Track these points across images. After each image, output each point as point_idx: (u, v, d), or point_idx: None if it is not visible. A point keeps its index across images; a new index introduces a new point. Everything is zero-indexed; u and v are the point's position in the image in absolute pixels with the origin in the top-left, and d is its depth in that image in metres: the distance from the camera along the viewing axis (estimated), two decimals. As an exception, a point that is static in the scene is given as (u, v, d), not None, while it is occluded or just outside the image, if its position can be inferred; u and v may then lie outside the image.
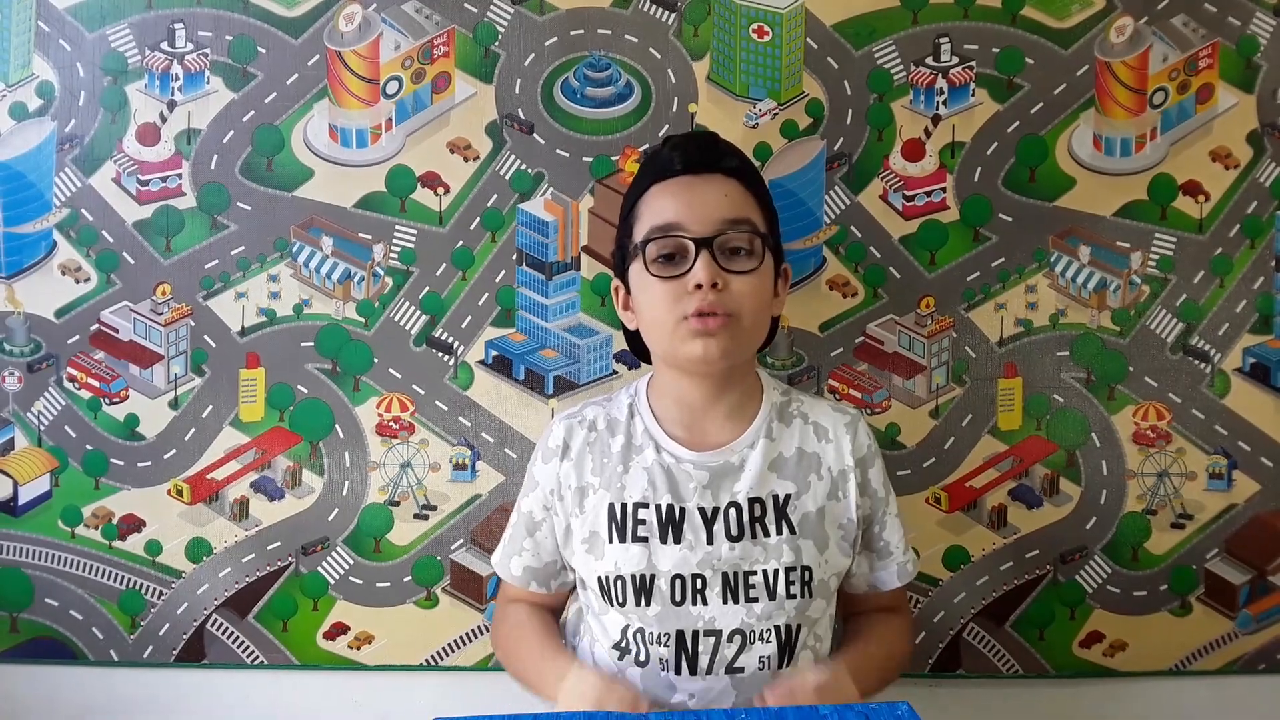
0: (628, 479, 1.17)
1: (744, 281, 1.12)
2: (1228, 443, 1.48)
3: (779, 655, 1.13)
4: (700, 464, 1.16)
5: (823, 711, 0.94)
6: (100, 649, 1.47)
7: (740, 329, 1.13)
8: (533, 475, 1.24)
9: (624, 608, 1.14)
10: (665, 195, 1.15)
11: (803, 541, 1.15)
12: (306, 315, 1.46)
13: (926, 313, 1.47)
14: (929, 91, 1.45)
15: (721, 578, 1.13)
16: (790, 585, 1.13)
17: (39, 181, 1.45)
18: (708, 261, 1.10)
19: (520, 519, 1.24)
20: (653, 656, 1.13)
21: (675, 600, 1.13)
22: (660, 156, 1.19)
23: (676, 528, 1.14)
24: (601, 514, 1.17)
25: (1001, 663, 1.48)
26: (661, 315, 1.13)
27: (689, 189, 1.15)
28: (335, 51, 1.45)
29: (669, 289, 1.12)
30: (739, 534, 1.14)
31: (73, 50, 1.45)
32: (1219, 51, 1.46)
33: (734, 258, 1.13)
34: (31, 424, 1.46)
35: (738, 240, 1.13)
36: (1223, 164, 1.46)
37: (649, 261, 1.13)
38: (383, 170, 1.45)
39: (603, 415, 1.22)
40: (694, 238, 1.11)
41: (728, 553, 1.13)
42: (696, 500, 1.15)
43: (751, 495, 1.15)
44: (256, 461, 1.46)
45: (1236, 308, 1.47)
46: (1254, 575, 1.48)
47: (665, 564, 1.13)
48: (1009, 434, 1.47)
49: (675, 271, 1.12)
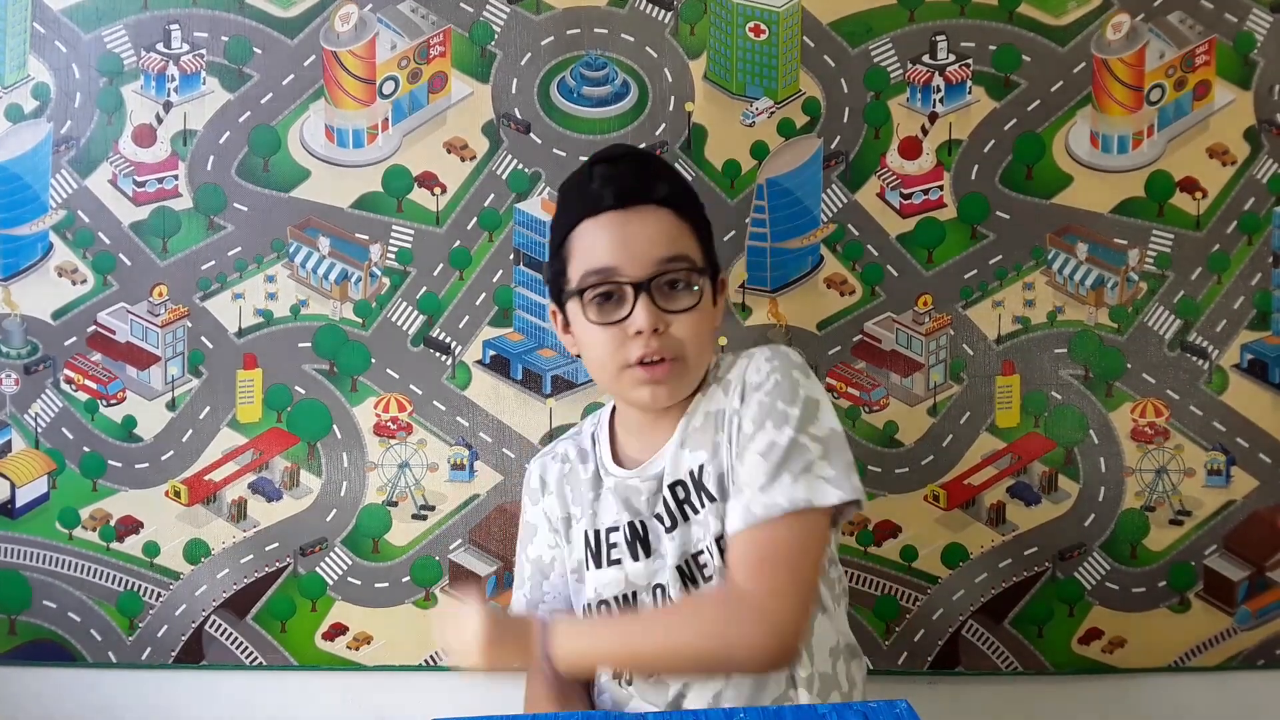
0: (599, 505, 1.18)
1: (685, 320, 1.10)
2: (1226, 439, 1.48)
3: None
4: (642, 476, 1.16)
5: (821, 710, 0.94)
6: (98, 651, 1.47)
7: (685, 368, 1.11)
8: (528, 523, 1.25)
9: None
10: (598, 234, 1.11)
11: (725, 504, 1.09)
12: (304, 316, 1.46)
13: (924, 310, 1.46)
14: (926, 89, 1.45)
15: (677, 573, 1.12)
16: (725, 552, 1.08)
17: (35, 183, 1.45)
18: (647, 306, 1.08)
19: (531, 567, 1.24)
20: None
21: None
22: (589, 189, 1.13)
23: (644, 542, 1.14)
24: (580, 543, 1.18)
25: (1001, 660, 1.48)
26: (605, 360, 1.11)
27: (622, 227, 1.10)
28: (331, 52, 1.45)
29: (610, 335, 1.10)
30: (673, 523, 1.12)
31: (68, 52, 1.45)
32: (1216, 48, 1.46)
33: (672, 294, 1.10)
34: (29, 426, 1.46)
35: (675, 276, 1.10)
36: (1220, 160, 1.46)
37: (586, 306, 1.10)
38: (379, 170, 1.45)
39: (573, 447, 1.23)
40: (630, 282, 1.08)
41: (670, 545, 1.12)
42: (651, 509, 1.15)
43: (672, 480, 1.13)
44: (254, 462, 1.46)
45: (1234, 304, 1.47)
46: (1252, 571, 1.48)
47: (642, 579, 1.14)
48: (1007, 431, 1.47)
49: (614, 316, 1.09)
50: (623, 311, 1.09)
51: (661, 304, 1.09)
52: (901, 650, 1.48)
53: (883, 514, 1.47)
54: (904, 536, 1.47)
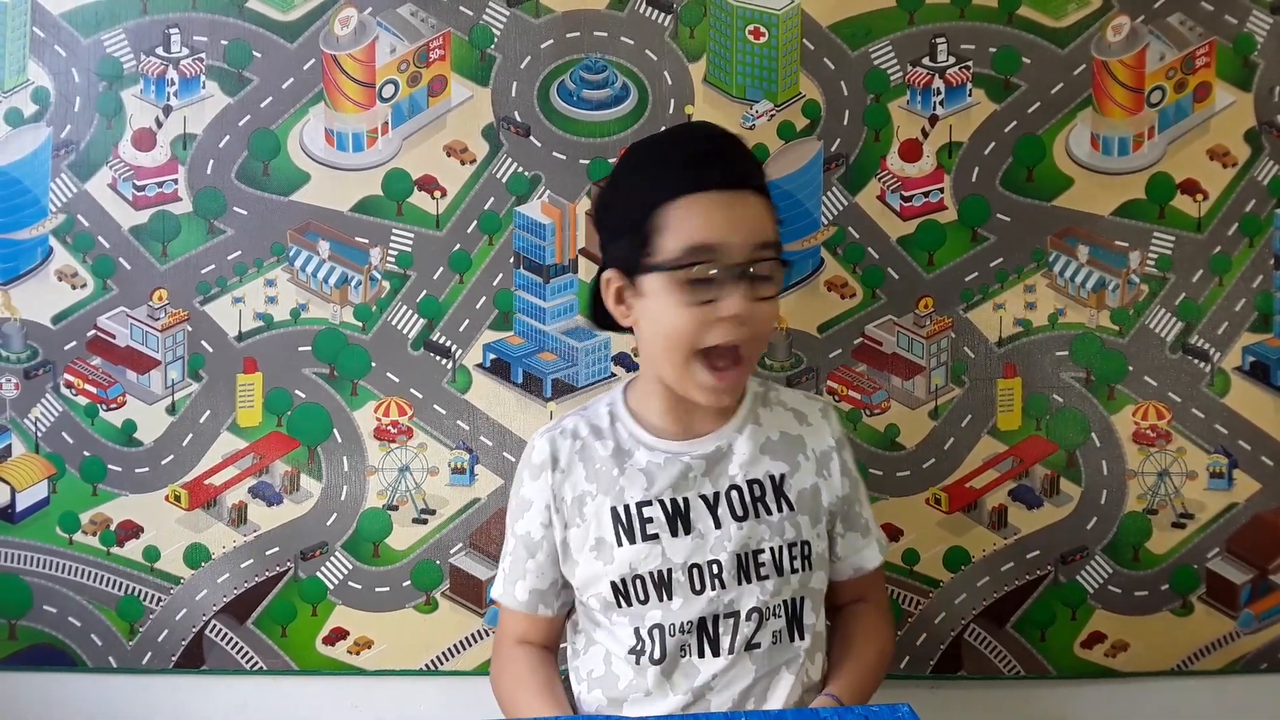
0: (624, 481, 1.17)
1: (765, 309, 1.11)
2: (1228, 442, 1.47)
3: (788, 628, 1.16)
4: (694, 454, 1.17)
5: (823, 714, 0.93)
6: (99, 656, 1.47)
7: (749, 365, 1.14)
8: (523, 496, 1.21)
9: (645, 605, 1.15)
10: (702, 212, 1.08)
11: (800, 517, 1.17)
12: (304, 320, 1.46)
13: (925, 313, 1.46)
14: (926, 92, 1.45)
15: (735, 560, 1.14)
16: (794, 560, 1.16)
17: (35, 187, 1.45)
18: (743, 292, 1.08)
19: (518, 543, 1.21)
20: (673, 646, 1.14)
21: (695, 590, 1.14)
22: (691, 163, 1.11)
23: (685, 519, 1.15)
24: (605, 519, 1.16)
25: (1003, 664, 1.48)
26: (681, 342, 1.10)
27: (727, 209, 1.09)
28: (331, 55, 1.45)
29: (696, 315, 1.08)
30: (744, 514, 1.16)
31: (68, 56, 1.45)
32: (1216, 50, 1.46)
33: (759, 283, 1.10)
34: (29, 430, 1.46)
35: (764, 267, 1.10)
36: (1221, 162, 1.46)
37: (679, 283, 1.08)
38: (379, 174, 1.45)
39: (584, 422, 1.21)
40: (733, 264, 1.08)
41: (736, 533, 1.15)
42: (697, 489, 1.16)
43: (749, 477, 1.17)
44: (254, 467, 1.46)
45: (1236, 306, 1.47)
46: (1255, 574, 1.48)
47: (679, 556, 1.14)
48: (1009, 434, 1.47)
49: (704, 297, 1.08)
50: (713, 293, 1.08)
51: (751, 291, 1.09)
52: (904, 654, 1.47)
53: (884, 517, 1.46)
54: (906, 540, 1.47)
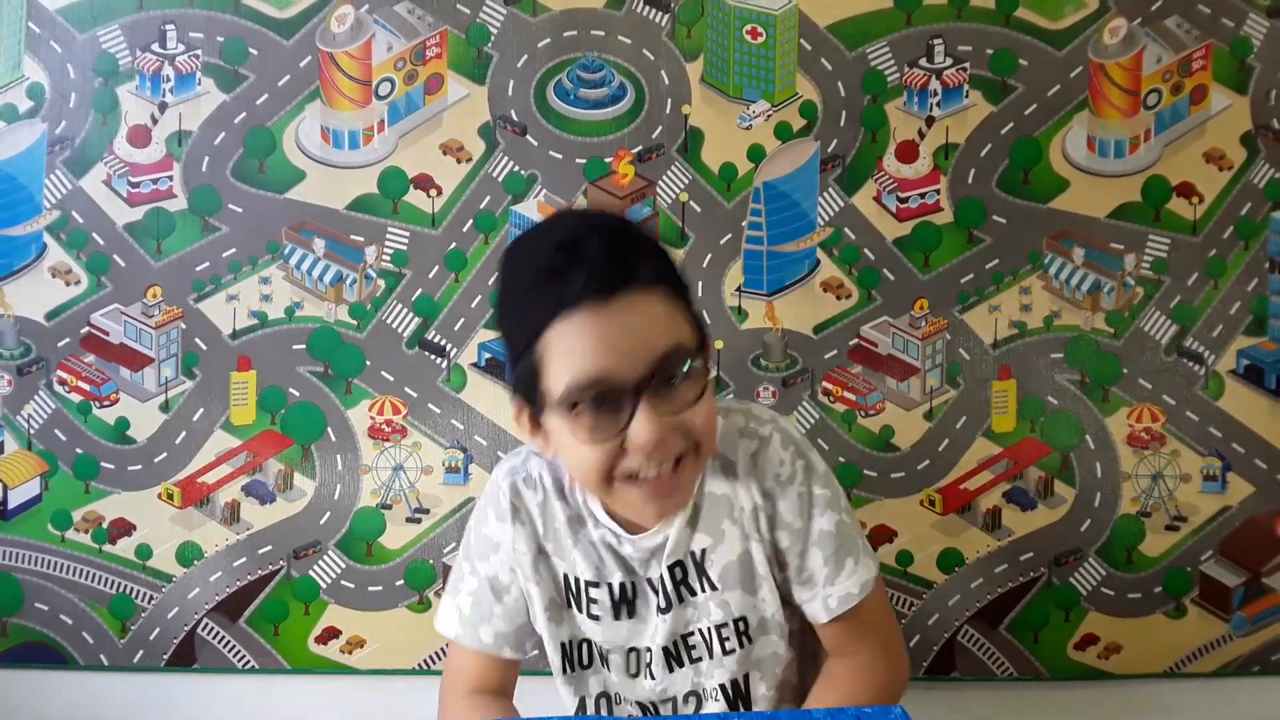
0: (577, 553, 1.07)
1: (695, 412, 0.95)
2: (1222, 445, 1.47)
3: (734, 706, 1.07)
4: (637, 544, 1.05)
5: (816, 715, 0.93)
6: (90, 654, 1.46)
7: (696, 461, 0.98)
8: (487, 537, 1.10)
9: (588, 670, 1.10)
10: (579, 335, 0.92)
11: (728, 594, 1.05)
12: (298, 318, 1.46)
13: (920, 315, 1.46)
14: (923, 93, 1.45)
15: (662, 653, 1.06)
16: (725, 641, 1.05)
17: (29, 183, 1.45)
18: (650, 415, 0.92)
19: (481, 585, 1.10)
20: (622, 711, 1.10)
21: (630, 673, 1.09)
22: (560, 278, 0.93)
23: (630, 604, 1.07)
24: (559, 581, 1.08)
25: (996, 666, 1.48)
26: (597, 478, 0.96)
27: (606, 325, 0.91)
28: (327, 53, 1.45)
29: (604, 453, 0.94)
30: (668, 605, 1.05)
31: (63, 52, 1.45)
32: (1212, 53, 1.46)
33: (673, 390, 0.94)
34: (21, 427, 1.45)
35: (675, 368, 0.94)
36: (1216, 165, 1.46)
37: (575, 421, 0.94)
38: (375, 172, 1.45)
39: (549, 476, 1.09)
40: (628, 387, 0.92)
41: (662, 627, 1.06)
42: (645, 573, 1.06)
43: (670, 561, 1.05)
44: (248, 465, 1.46)
45: (1230, 310, 1.47)
46: (1248, 577, 1.48)
47: (619, 639, 1.07)
48: (1003, 436, 1.47)
49: (609, 428, 0.93)
50: (620, 421, 0.93)
51: (664, 406, 0.93)
52: (897, 655, 1.47)
53: (878, 519, 1.46)
54: (899, 541, 1.47)
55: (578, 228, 0.98)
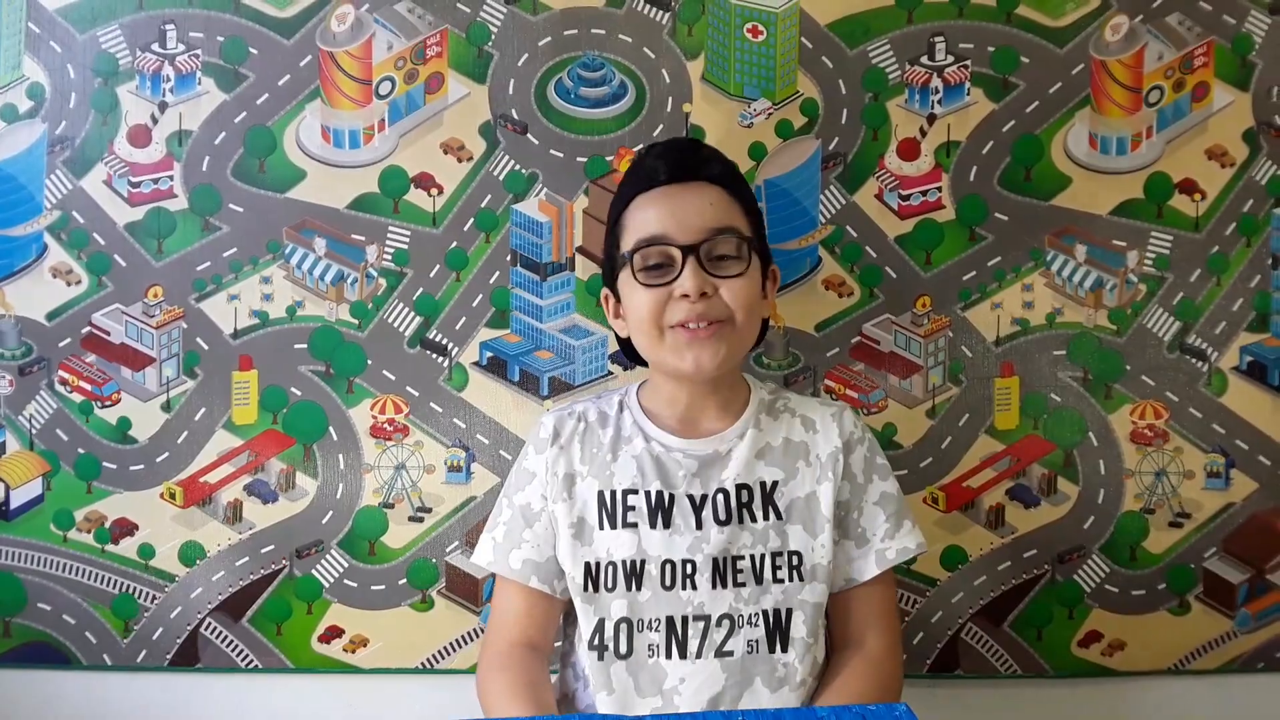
0: (616, 466, 1.18)
1: (732, 286, 1.14)
2: (1225, 441, 1.47)
3: (768, 639, 1.14)
4: (689, 452, 1.18)
5: (820, 713, 0.93)
6: (93, 653, 1.46)
7: (733, 332, 1.15)
8: (525, 469, 1.23)
9: (612, 593, 1.15)
10: (650, 206, 1.16)
11: (790, 527, 1.16)
12: (299, 317, 1.46)
13: (923, 312, 1.46)
14: (924, 90, 1.45)
15: (711, 563, 1.14)
16: (777, 570, 1.15)
17: (30, 184, 1.44)
18: (695, 270, 1.12)
19: (516, 512, 1.21)
20: (640, 644, 1.14)
21: (665, 585, 1.14)
22: (643, 167, 1.21)
23: (666, 513, 1.15)
24: (591, 501, 1.17)
25: (1000, 663, 1.48)
26: (649, 324, 1.14)
27: (673, 198, 1.16)
28: (327, 52, 1.45)
29: (656, 296, 1.13)
30: (727, 519, 1.15)
31: (63, 52, 1.44)
32: (1214, 50, 1.46)
33: (721, 264, 1.14)
34: (23, 427, 1.45)
35: (724, 248, 1.14)
36: (1219, 162, 1.46)
37: (636, 271, 1.14)
38: (376, 171, 1.45)
39: (594, 409, 1.24)
40: (680, 246, 1.13)
41: (716, 537, 1.15)
42: (685, 487, 1.16)
43: (739, 482, 1.17)
44: (250, 464, 1.46)
45: (1233, 306, 1.47)
46: (1252, 574, 1.48)
47: (655, 549, 1.15)
48: (1006, 433, 1.47)
49: (663, 279, 1.13)
50: (671, 276, 1.13)
51: (710, 270, 1.13)
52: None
53: (881, 516, 1.46)
54: (902, 539, 1.47)
55: (671, 142, 1.28)
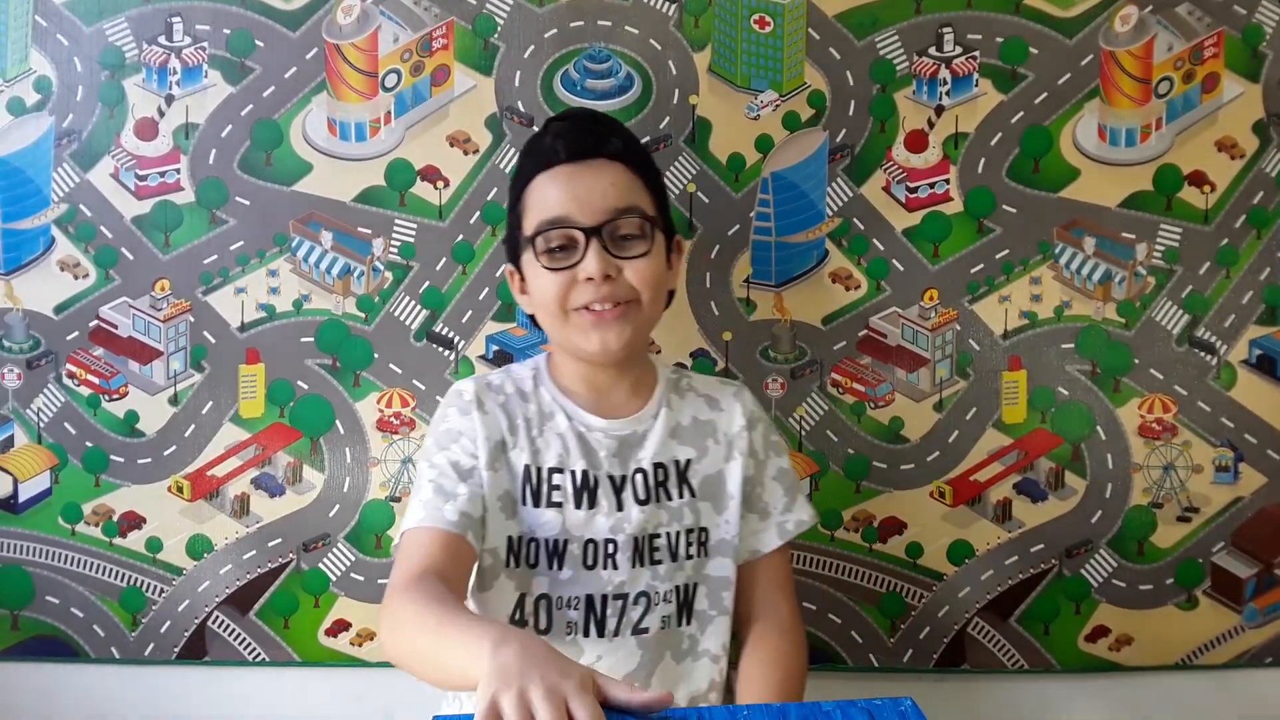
0: (542, 443, 1.18)
1: (637, 266, 1.13)
2: (1234, 435, 1.47)
3: (678, 614, 1.17)
4: (609, 432, 1.19)
5: (825, 708, 0.93)
6: (101, 647, 1.47)
7: (639, 313, 1.15)
8: (449, 430, 1.16)
9: (534, 569, 1.15)
10: (550, 186, 1.15)
11: (701, 504, 1.19)
12: (306, 310, 1.46)
13: (930, 305, 1.46)
14: (932, 82, 1.44)
15: (631, 542, 1.15)
16: (689, 546, 1.18)
17: (37, 177, 1.45)
18: (599, 252, 1.11)
19: (443, 470, 1.12)
20: (559, 621, 1.15)
21: (587, 565, 1.15)
22: (542, 144, 1.18)
23: (591, 494, 1.16)
24: (518, 475, 1.17)
25: (1006, 658, 1.48)
26: (554, 307, 1.14)
27: (574, 179, 1.14)
28: (333, 44, 1.44)
29: (560, 279, 1.13)
30: (646, 498, 1.17)
31: (70, 45, 1.44)
32: (1224, 40, 1.45)
33: (625, 244, 1.14)
34: (31, 421, 1.46)
35: (627, 227, 1.14)
36: (1229, 154, 1.45)
37: (539, 254, 1.14)
38: (382, 164, 1.44)
39: (509, 380, 1.22)
40: (582, 228, 1.12)
41: (636, 516, 1.16)
42: (606, 468, 1.17)
43: (655, 461, 1.18)
44: (257, 458, 1.46)
45: (1243, 299, 1.46)
46: (1261, 568, 1.47)
47: (578, 529, 1.15)
48: (1013, 427, 1.46)
49: (567, 262, 1.13)
50: (575, 258, 1.12)
51: (614, 251, 1.12)
52: (907, 648, 1.47)
53: (888, 511, 1.46)
54: (909, 533, 1.46)
55: (571, 114, 1.26)
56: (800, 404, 1.46)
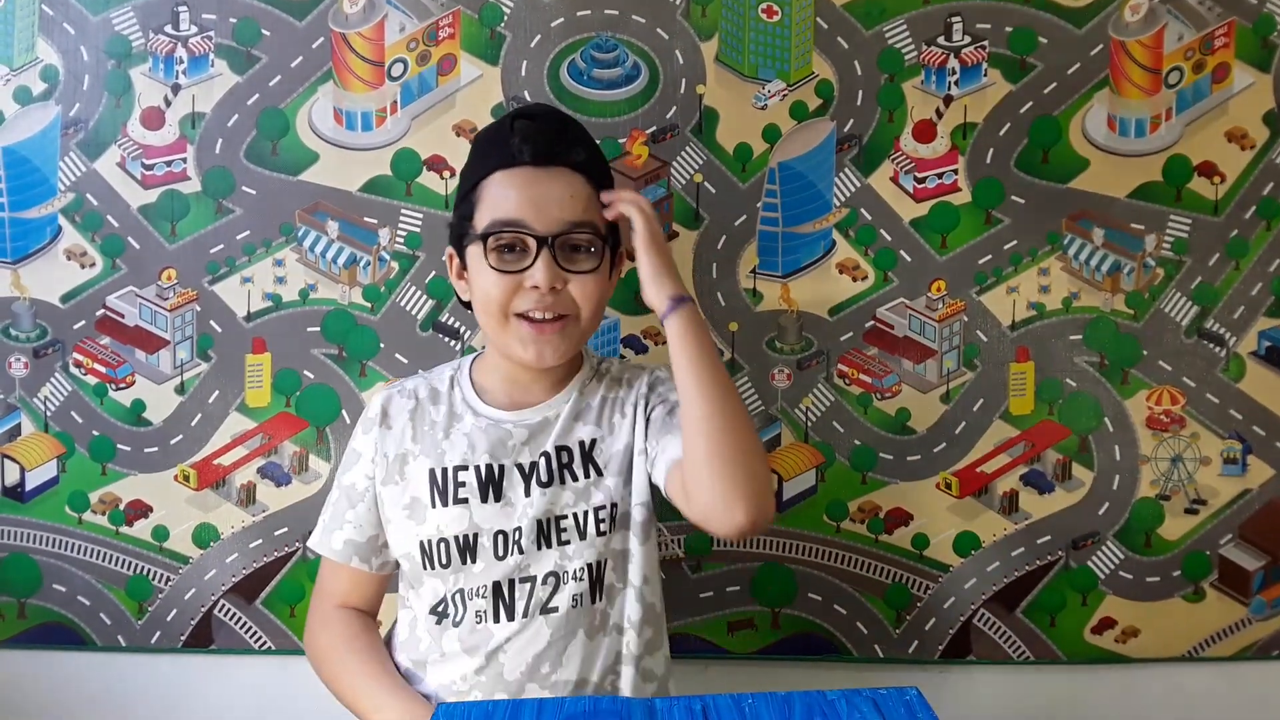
0: (448, 444, 1.19)
1: (583, 282, 1.15)
2: (1242, 427, 1.46)
3: (590, 591, 1.17)
4: (518, 423, 1.19)
5: (830, 696, 0.93)
6: (108, 635, 1.47)
7: (576, 328, 1.16)
8: (353, 449, 1.24)
9: (447, 569, 1.17)
10: (509, 186, 1.14)
11: (610, 480, 1.18)
12: (312, 300, 1.46)
13: (937, 296, 1.45)
14: (940, 72, 1.44)
15: (535, 525, 1.16)
16: (600, 524, 1.17)
17: (44, 166, 1.45)
18: (548, 262, 1.12)
19: (341, 494, 1.24)
20: (470, 611, 1.16)
21: (498, 555, 1.16)
22: (508, 142, 1.16)
23: (496, 486, 1.17)
24: (423, 479, 1.18)
25: (1012, 649, 1.47)
26: (495, 308, 1.15)
27: (534, 184, 1.14)
28: (340, 34, 1.44)
29: (506, 282, 1.13)
30: (548, 481, 1.17)
31: (77, 34, 1.44)
32: (1235, 30, 1.44)
33: (574, 255, 1.14)
34: (38, 409, 1.46)
35: (579, 239, 1.14)
36: (1238, 145, 1.44)
37: (488, 251, 1.14)
38: (388, 154, 1.44)
39: (425, 385, 1.25)
40: (536, 235, 1.12)
41: (538, 499, 1.16)
42: (515, 458, 1.18)
43: (558, 444, 1.19)
44: (263, 447, 1.46)
45: (1252, 291, 1.45)
46: (1268, 561, 1.47)
47: (486, 522, 1.16)
48: (1021, 419, 1.46)
49: (514, 265, 1.13)
50: (524, 263, 1.13)
51: (563, 263, 1.13)
52: (913, 639, 1.47)
53: (894, 502, 1.46)
54: (915, 524, 1.46)
55: (533, 110, 1.23)
56: (807, 395, 1.45)
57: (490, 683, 1.15)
